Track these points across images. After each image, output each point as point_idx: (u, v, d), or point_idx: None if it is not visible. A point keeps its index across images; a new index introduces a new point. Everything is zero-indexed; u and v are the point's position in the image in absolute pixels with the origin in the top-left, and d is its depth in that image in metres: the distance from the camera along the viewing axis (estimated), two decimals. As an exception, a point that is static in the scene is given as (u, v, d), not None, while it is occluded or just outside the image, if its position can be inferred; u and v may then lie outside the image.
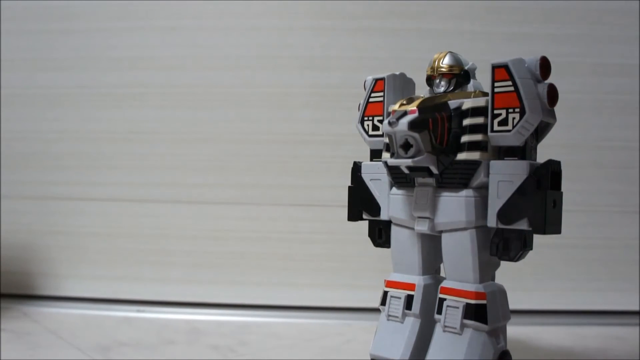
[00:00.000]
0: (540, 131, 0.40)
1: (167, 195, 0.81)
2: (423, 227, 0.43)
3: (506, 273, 0.48)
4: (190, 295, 0.81)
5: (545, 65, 0.38)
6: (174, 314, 0.78)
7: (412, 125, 0.38)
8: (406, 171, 0.42)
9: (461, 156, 0.41)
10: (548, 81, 0.38)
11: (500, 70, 0.38)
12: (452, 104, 0.41)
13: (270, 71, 0.80)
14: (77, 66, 0.83)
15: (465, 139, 0.40)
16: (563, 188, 0.41)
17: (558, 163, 0.39)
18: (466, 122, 0.40)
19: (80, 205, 0.83)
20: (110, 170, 0.82)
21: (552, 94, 0.38)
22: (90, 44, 0.82)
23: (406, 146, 0.40)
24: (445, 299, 0.42)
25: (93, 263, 0.83)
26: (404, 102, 0.41)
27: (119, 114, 0.82)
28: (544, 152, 0.43)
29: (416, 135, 0.39)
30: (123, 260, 0.82)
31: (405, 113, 0.39)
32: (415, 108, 0.39)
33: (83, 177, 0.83)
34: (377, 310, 0.48)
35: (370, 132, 0.47)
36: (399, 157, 0.41)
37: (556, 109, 0.40)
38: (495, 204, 0.40)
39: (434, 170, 0.41)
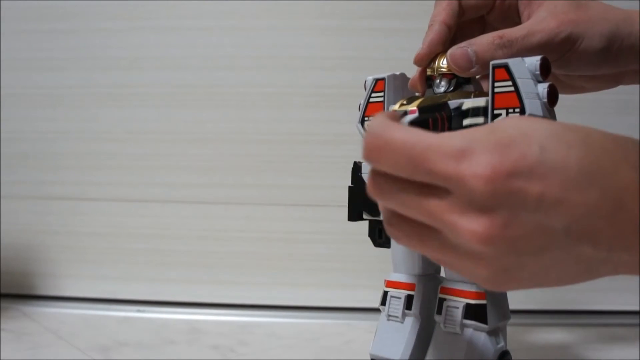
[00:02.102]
0: (540, 131, 0.40)
1: (167, 195, 0.81)
2: (423, 227, 0.43)
3: (506, 273, 0.48)
4: (190, 295, 0.81)
5: (545, 66, 0.38)
6: (174, 314, 0.78)
7: (412, 125, 0.38)
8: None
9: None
10: (548, 81, 0.38)
11: (501, 70, 0.38)
12: (452, 104, 0.41)
13: (270, 71, 0.80)
14: (77, 66, 0.82)
15: (465, 139, 0.40)
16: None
17: (558, 163, 0.39)
18: (466, 122, 0.40)
19: (80, 205, 0.83)
20: (110, 170, 0.82)
21: (552, 94, 0.38)
22: (90, 44, 0.82)
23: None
24: (445, 299, 0.42)
25: (93, 263, 0.83)
26: (404, 102, 0.41)
27: (119, 114, 0.82)
28: (544, 152, 0.43)
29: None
30: (123, 260, 0.82)
31: (405, 113, 0.39)
32: (415, 108, 0.39)
33: (83, 177, 0.83)
34: (377, 310, 0.48)
35: (370, 132, 0.47)
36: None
37: (556, 109, 0.40)
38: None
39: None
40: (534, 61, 0.38)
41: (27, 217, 0.84)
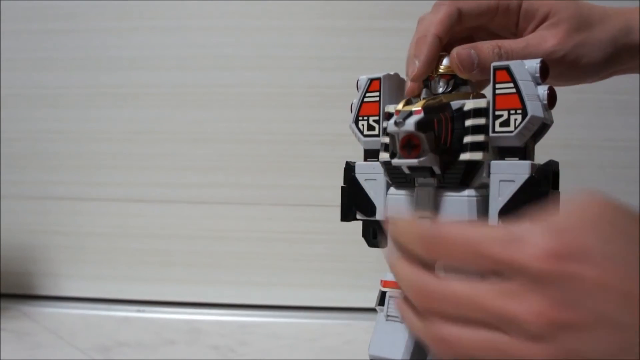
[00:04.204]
0: (538, 132, 0.41)
1: (167, 195, 0.82)
2: (424, 227, 0.43)
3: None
4: (191, 295, 0.81)
5: (544, 69, 0.38)
6: (174, 314, 0.78)
7: (419, 126, 0.38)
8: (407, 171, 0.42)
9: (464, 157, 0.41)
10: (547, 84, 0.39)
11: (502, 72, 0.39)
12: (454, 104, 0.41)
13: (270, 71, 0.80)
14: (77, 66, 0.82)
15: (468, 139, 0.40)
16: (563, 188, 0.41)
17: (557, 163, 0.40)
18: (468, 122, 0.40)
19: (79, 205, 0.83)
20: (110, 170, 0.82)
21: (552, 97, 0.38)
22: (90, 44, 0.82)
23: (411, 146, 0.40)
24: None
25: (93, 263, 0.83)
26: (406, 102, 0.41)
27: (119, 114, 0.82)
28: (544, 152, 0.43)
29: (422, 135, 0.39)
30: (123, 260, 0.82)
31: (410, 113, 0.39)
32: (420, 108, 0.39)
33: (83, 177, 0.83)
34: (376, 310, 0.48)
35: (366, 132, 0.47)
36: (401, 157, 0.41)
37: (556, 108, 0.40)
38: (496, 203, 0.40)
39: (437, 171, 0.41)
40: (533, 64, 0.38)
41: (27, 217, 0.84)
